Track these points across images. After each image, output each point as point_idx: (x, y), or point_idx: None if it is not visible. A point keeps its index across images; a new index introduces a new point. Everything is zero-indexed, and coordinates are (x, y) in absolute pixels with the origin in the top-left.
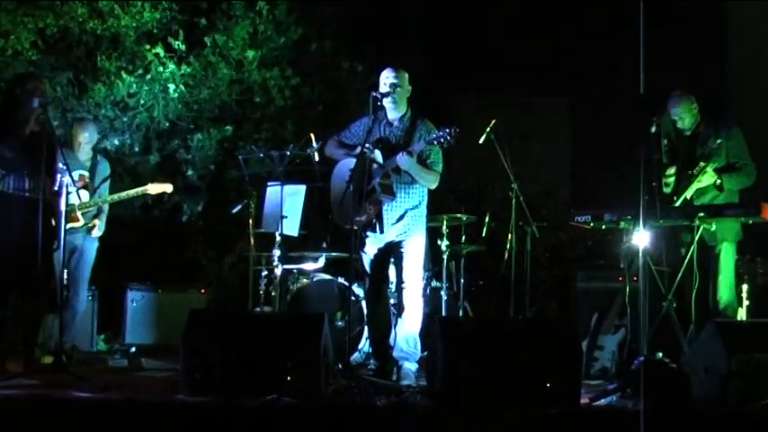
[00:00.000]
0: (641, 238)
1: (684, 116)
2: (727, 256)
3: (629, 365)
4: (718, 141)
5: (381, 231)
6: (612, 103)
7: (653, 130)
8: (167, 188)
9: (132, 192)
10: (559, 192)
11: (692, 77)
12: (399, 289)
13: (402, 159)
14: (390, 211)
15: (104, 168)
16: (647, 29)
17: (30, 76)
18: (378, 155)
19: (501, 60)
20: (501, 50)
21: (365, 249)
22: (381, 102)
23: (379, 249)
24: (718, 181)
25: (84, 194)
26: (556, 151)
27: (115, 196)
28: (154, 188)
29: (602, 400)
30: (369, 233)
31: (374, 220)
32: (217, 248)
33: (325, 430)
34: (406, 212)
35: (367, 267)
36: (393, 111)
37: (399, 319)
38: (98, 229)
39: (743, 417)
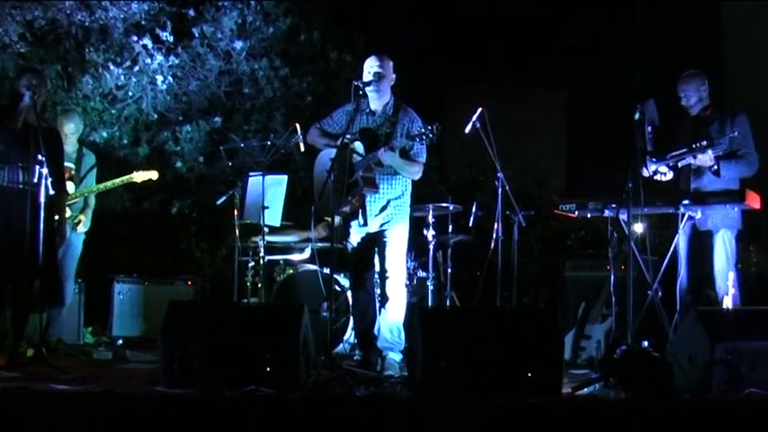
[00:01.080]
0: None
1: (690, 94)
2: (724, 245)
3: (613, 354)
4: (734, 133)
5: (365, 224)
6: (608, 95)
7: (636, 117)
8: (153, 175)
9: (118, 180)
10: (554, 182)
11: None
12: (383, 279)
13: (384, 155)
14: (373, 202)
15: (90, 160)
16: (644, 23)
17: (26, 70)
18: (359, 146)
19: (497, 51)
20: (497, 41)
21: (349, 239)
22: (364, 90)
23: (363, 239)
24: (715, 167)
25: (70, 186)
26: (551, 142)
27: (101, 186)
28: (139, 176)
29: (585, 390)
30: (352, 223)
31: (358, 211)
32: (210, 240)
33: (303, 421)
34: (388, 203)
35: (351, 257)
36: (376, 100)
37: (383, 310)
38: (83, 225)
39: (726, 405)
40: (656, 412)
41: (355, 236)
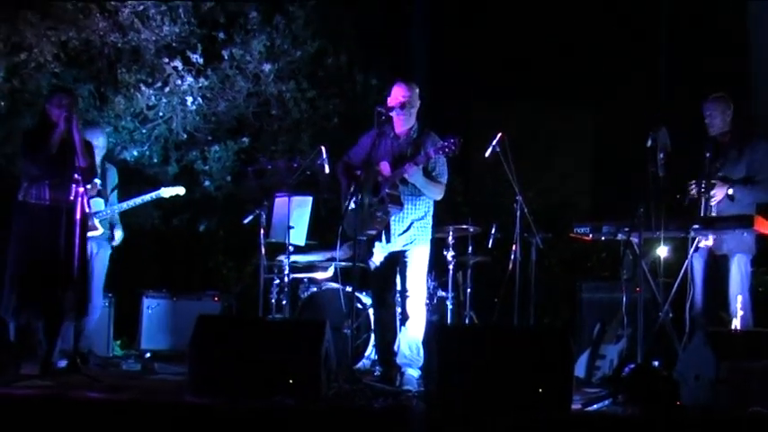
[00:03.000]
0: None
1: (715, 115)
2: (739, 269)
3: (621, 373)
4: (750, 158)
5: (388, 241)
6: (634, 115)
7: (649, 143)
8: (180, 191)
9: (147, 197)
10: (580, 203)
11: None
12: (403, 297)
13: (410, 170)
14: (397, 222)
15: (113, 176)
16: (671, 40)
17: (57, 90)
18: (384, 166)
19: (524, 71)
20: (525, 61)
21: (372, 258)
22: (387, 115)
23: (385, 258)
24: (730, 191)
25: (100, 202)
26: (577, 162)
27: (131, 202)
28: (167, 191)
29: (594, 406)
30: (375, 242)
31: (381, 231)
32: (236, 258)
33: (323, 431)
34: (412, 223)
35: (373, 276)
36: (401, 125)
37: (403, 327)
38: (116, 240)
39: (730, 423)
40: (662, 429)
41: (378, 255)
